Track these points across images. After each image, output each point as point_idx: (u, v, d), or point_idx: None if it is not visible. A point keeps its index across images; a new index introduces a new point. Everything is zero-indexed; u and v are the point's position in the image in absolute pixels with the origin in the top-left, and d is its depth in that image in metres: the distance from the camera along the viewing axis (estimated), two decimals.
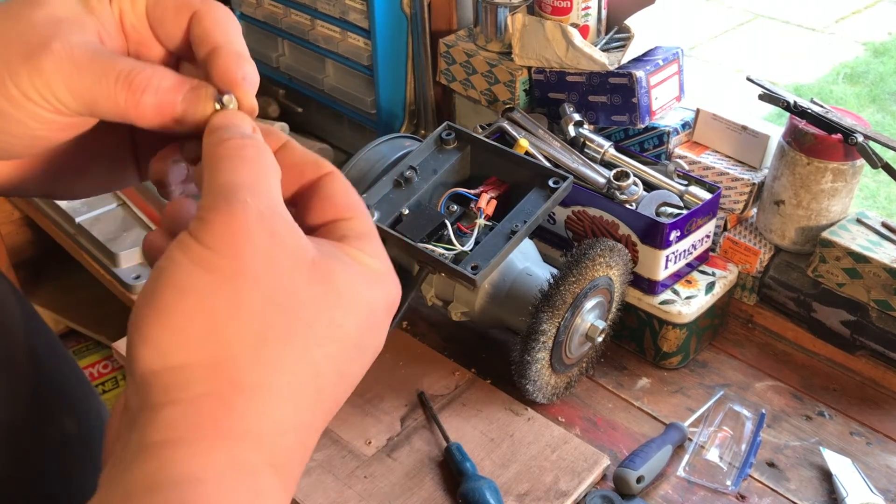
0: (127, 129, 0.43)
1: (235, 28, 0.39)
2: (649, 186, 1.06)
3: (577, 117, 1.13)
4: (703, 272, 1.08)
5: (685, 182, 1.06)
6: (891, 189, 2.76)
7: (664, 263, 1.01)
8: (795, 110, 1.03)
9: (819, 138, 1.01)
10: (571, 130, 1.13)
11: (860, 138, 0.98)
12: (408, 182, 0.92)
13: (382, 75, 1.32)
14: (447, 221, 0.89)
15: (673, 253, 1.01)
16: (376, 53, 1.30)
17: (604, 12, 1.18)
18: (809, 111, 1.02)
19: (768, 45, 3.62)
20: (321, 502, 0.89)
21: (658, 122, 1.16)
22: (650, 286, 1.04)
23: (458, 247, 0.87)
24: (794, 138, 1.03)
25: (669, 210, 1.02)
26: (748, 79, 1.09)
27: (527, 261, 1.01)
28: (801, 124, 1.02)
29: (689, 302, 1.03)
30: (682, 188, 1.05)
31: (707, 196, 1.03)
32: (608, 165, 1.10)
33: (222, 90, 0.37)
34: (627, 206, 1.02)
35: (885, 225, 1.04)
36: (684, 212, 1.01)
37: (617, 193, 1.03)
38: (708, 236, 1.07)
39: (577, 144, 1.13)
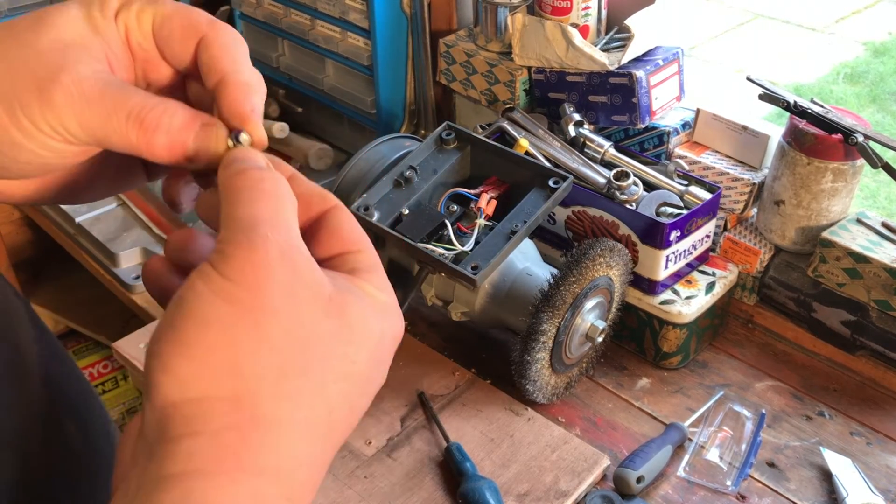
0: None
1: (243, 53, 0.39)
2: (649, 186, 1.06)
3: (577, 117, 1.13)
4: (703, 272, 1.08)
5: (685, 182, 1.06)
6: (891, 189, 2.76)
7: (664, 263, 1.01)
8: (795, 110, 1.03)
9: (819, 138, 1.01)
10: (571, 130, 1.13)
11: (860, 138, 0.98)
12: (408, 182, 0.92)
13: (382, 75, 1.32)
14: (447, 221, 0.89)
15: (673, 253, 1.01)
16: (376, 53, 1.30)
17: (604, 12, 1.18)
18: (809, 111, 1.02)
19: (768, 45, 3.62)
20: (321, 502, 0.89)
21: (658, 122, 1.16)
22: (650, 286, 1.04)
23: (458, 247, 0.87)
24: (794, 138, 1.03)
25: (669, 210, 1.02)
26: (748, 79, 1.09)
27: (527, 261, 1.01)
28: (802, 124, 1.02)
29: (690, 302, 1.03)
30: (682, 188, 1.05)
31: (707, 196, 1.03)
32: (608, 165, 1.10)
33: (232, 126, 0.37)
34: (627, 206, 1.02)
35: (885, 225, 1.04)
36: (684, 212, 1.01)
37: (617, 193, 1.03)
38: (708, 236, 1.07)
39: (577, 144, 1.13)
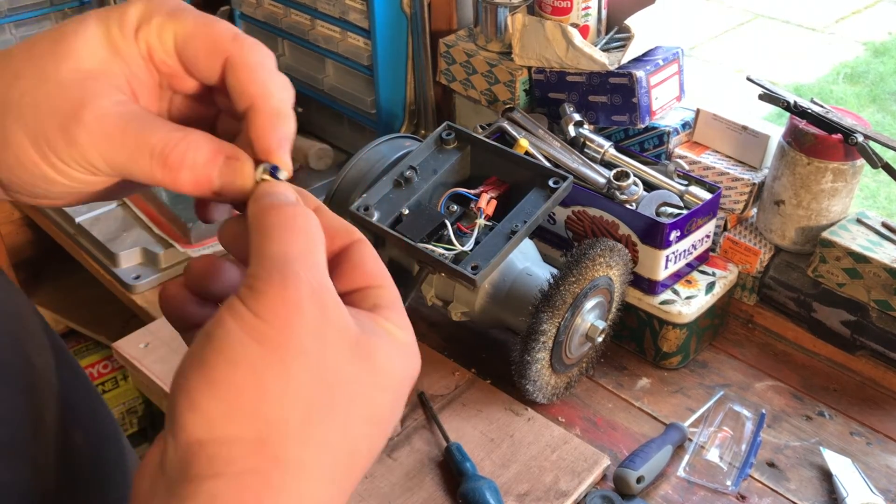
0: None
1: (270, 71, 0.38)
2: (649, 186, 1.06)
3: (577, 117, 1.13)
4: (703, 272, 1.08)
5: (685, 182, 1.06)
6: (891, 189, 2.76)
7: (664, 263, 1.01)
8: (795, 110, 1.03)
9: (819, 138, 1.01)
10: (571, 130, 1.13)
11: (860, 138, 0.98)
12: (408, 182, 0.92)
13: (382, 75, 1.32)
14: (447, 221, 0.89)
15: (673, 253, 1.01)
16: (376, 53, 1.30)
17: (604, 12, 1.18)
18: (809, 111, 1.02)
19: (768, 45, 3.62)
20: None
21: (658, 122, 1.16)
22: (650, 286, 1.04)
23: (458, 247, 0.87)
24: (794, 138, 1.03)
25: (669, 210, 1.02)
26: (748, 79, 1.08)
27: (527, 261, 1.01)
28: (802, 124, 1.02)
29: (690, 302, 1.03)
30: (682, 188, 1.05)
31: (707, 196, 1.03)
32: (608, 165, 1.10)
33: (260, 159, 0.37)
34: (627, 206, 1.02)
35: (885, 225, 1.04)
36: (684, 212, 1.01)
37: (617, 193, 1.03)
38: (708, 236, 1.07)
39: (577, 144, 1.13)
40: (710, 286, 1.06)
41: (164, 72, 0.39)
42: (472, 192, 0.92)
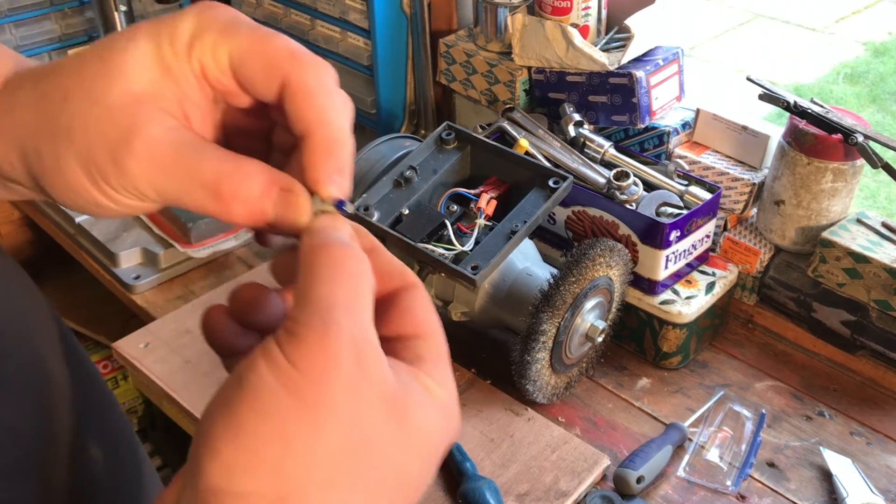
0: None
1: (329, 96, 0.36)
2: (649, 186, 1.06)
3: (577, 117, 1.13)
4: (703, 272, 1.08)
5: (685, 182, 1.06)
6: (891, 189, 2.76)
7: (664, 263, 1.01)
8: (795, 110, 1.03)
9: (819, 138, 1.01)
10: (571, 130, 1.13)
11: (860, 138, 0.98)
12: (408, 182, 0.92)
13: (382, 75, 1.32)
14: (447, 221, 0.89)
15: (673, 253, 1.01)
16: (376, 53, 1.30)
17: (604, 12, 1.18)
18: (809, 111, 1.02)
19: (768, 45, 3.62)
20: None
21: (658, 122, 1.16)
22: (650, 286, 1.04)
23: (458, 247, 0.87)
24: (794, 138, 1.03)
25: (669, 210, 1.02)
26: (748, 79, 1.08)
27: (527, 261, 1.01)
28: (802, 124, 1.02)
29: (689, 302, 1.03)
30: (682, 188, 1.05)
31: (707, 196, 1.03)
32: (608, 165, 1.10)
33: (314, 190, 0.35)
34: (627, 206, 1.02)
35: (885, 225, 1.04)
36: (684, 212, 1.01)
37: (617, 193, 1.03)
38: (708, 236, 1.07)
39: (577, 144, 1.13)
40: (710, 286, 1.06)
41: (219, 90, 0.37)
42: (472, 192, 0.92)
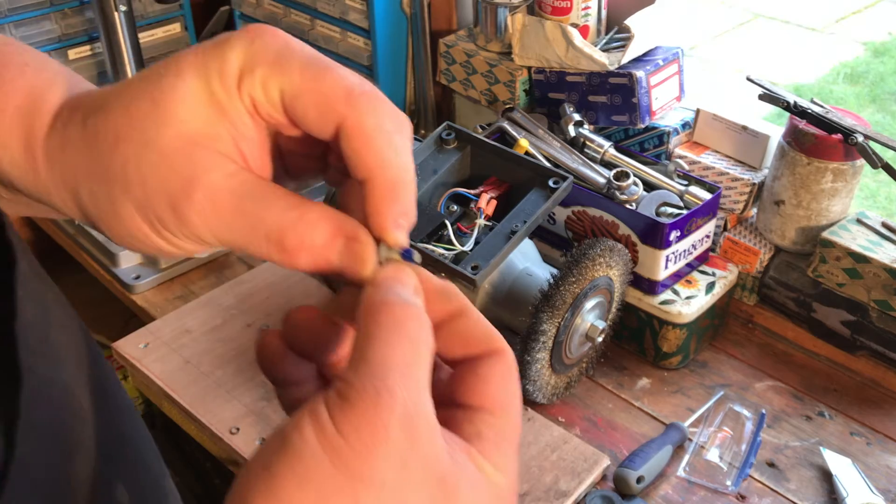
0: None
1: (388, 138, 0.34)
2: (649, 186, 1.06)
3: (577, 117, 1.13)
4: (703, 272, 1.08)
5: (685, 182, 1.06)
6: (891, 189, 2.76)
7: (664, 263, 1.01)
8: (795, 110, 1.03)
9: (819, 138, 1.01)
10: (571, 130, 1.13)
11: (860, 138, 0.98)
12: None
13: (382, 75, 1.32)
14: (447, 221, 0.89)
15: (673, 253, 1.01)
16: (376, 53, 1.30)
17: (604, 12, 1.19)
18: (809, 111, 1.02)
19: (768, 45, 3.62)
20: None
21: (658, 122, 1.16)
22: (650, 286, 1.04)
23: (458, 247, 0.87)
24: (794, 138, 1.03)
25: (669, 210, 1.02)
26: (748, 79, 1.09)
27: (527, 261, 1.01)
28: (802, 124, 1.02)
29: (689, 302, 1.03)
30: (682, 188, 1.05)
31: (707, 196, 1.03)
32: (608, 165, 1.10)
33: (380, 237, 0.34)
34: (627, 206, 1.02)
35: (885, 225, 1.04)
36: (684, 212, 1.01)
37: (617, 193, 1.03)
38: (708, 236, 1.07)
39: (577, 144, 1.13)
40: (710, 286, 1.06)
41: (271, 124, 0.35)
42: (472, 192, 0.92)
